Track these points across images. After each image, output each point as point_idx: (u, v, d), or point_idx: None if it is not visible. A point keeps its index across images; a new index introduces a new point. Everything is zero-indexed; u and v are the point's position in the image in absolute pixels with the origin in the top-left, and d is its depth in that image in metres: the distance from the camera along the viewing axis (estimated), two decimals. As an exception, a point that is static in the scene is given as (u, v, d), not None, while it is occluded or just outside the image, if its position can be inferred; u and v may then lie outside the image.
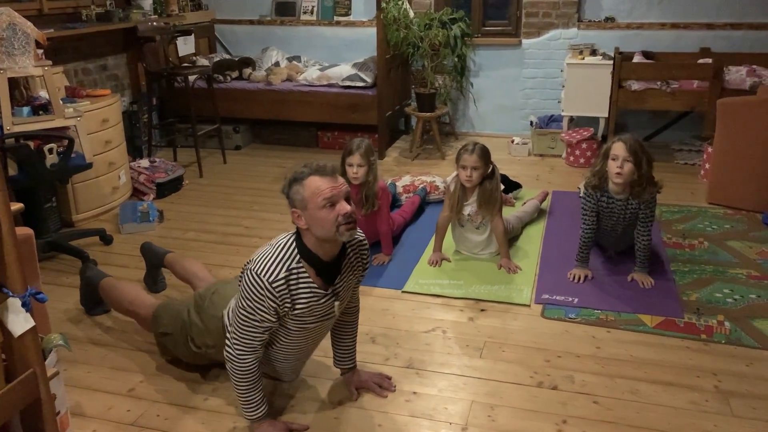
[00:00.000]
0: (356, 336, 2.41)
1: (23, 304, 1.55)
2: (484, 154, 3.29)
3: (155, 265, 3.18)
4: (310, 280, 2.03)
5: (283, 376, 2.39)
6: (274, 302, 1.99)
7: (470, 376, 2.51)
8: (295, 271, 2.00)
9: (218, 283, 2.51)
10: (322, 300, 2.08)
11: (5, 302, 1.54)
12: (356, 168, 3.32)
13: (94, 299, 3.00)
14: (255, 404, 2.14)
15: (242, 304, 2.02)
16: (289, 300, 2.01)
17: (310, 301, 2.05)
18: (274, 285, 1.96)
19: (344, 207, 1.95)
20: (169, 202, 4.47)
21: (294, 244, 2.02)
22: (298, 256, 2.01)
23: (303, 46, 6.26)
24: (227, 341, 2.10)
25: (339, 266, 2.09)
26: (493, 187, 3.34)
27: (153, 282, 3.22)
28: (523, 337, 2.77)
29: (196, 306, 2.40)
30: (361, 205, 3.36)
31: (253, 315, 2.01)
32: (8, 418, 1.60)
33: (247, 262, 2.07)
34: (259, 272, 1.97)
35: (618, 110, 4.99)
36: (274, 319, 2.03)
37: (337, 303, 2.13)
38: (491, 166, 3.35)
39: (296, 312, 2.05)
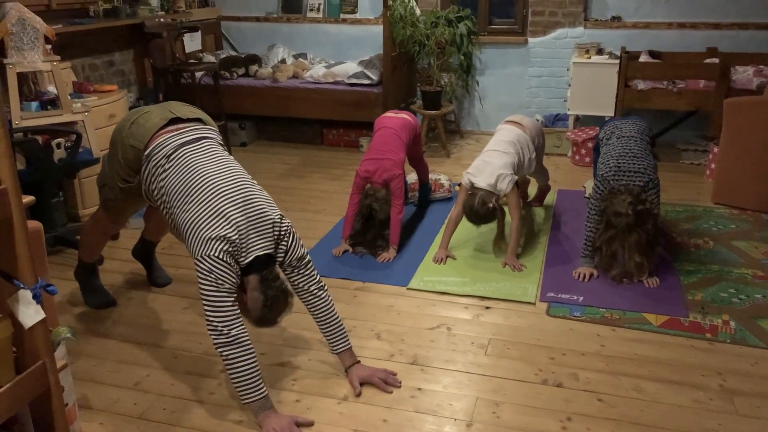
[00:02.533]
0: (338, 316, 2.43)
1: (34, 296, 1.57)
2: (489, 219, 3.38)
3: (148, 256, 3.26)
4: None
5: None
6: (234, 271, 2.17)
7: (475, 373, 2.52)
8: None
9: (135, 113, 2.55)
10: None
11: (16, 294, 1.55)
12: None
13: (95, 289, 3.05)
14: (254, 385, 2.15)
15: (206, 285, 2.12)
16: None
17: None
18: (228, 260, 2.15)
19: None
20: (175, 198, 4.48)
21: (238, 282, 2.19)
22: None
23: (309, 44, 6.27)
24: (210, 328, 2.13)
25: None
26: (504, 193, 3.38)
27: (154, 278, 3.25)
28: (527, 335, 2.78)
29: (114, 141, 2.55)
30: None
31: (222, 287, 2.12)
32: (18, 409, 1.62)
33: (194, 237, 2.17)
34: (220, 256, 2.12)
35: (624, 109, 4.98)
36: (235, 279, 2.18)
37: None
38: (495, 205, 3.35)
39: None
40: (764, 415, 2.25)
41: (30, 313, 1.56)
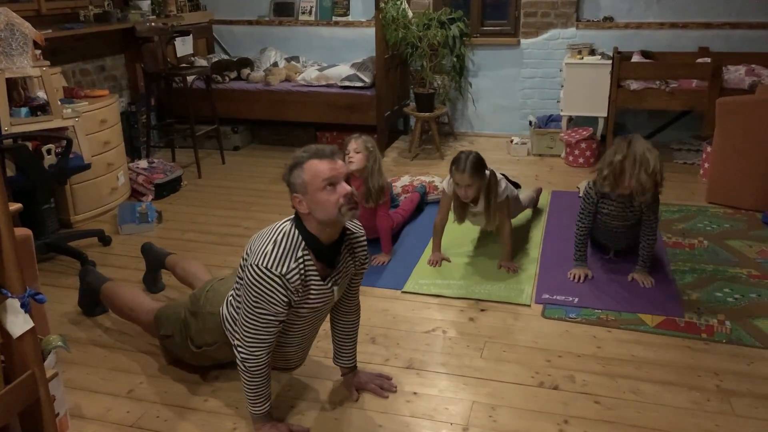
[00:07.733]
0: (357, 337, 2.41)
1: (22, 305, 1.55)
2: (477, 170, 3.13)
3: (155, 267, 3.16)
4: (314, 266, 2.03)
5: (291, 362, 2.40)
6: (287, 295, 1.98)
7: (471, 377, 2.50)
8: (302, 259, 2.00)
9: (213, 281, 2.50)
10: (323, 285, 2.08)
11: (4, 303, 1.53)
12: (352, 153, 3.33)
13: (94, 301, 2.99)
14: (263, 399, 2.13)
15: (252, 302, 1.98)
16: (302, 289, 2.01)
17: (314, 287, 2.06)
18: (288, 277, 1.95)
19: (345, 188, 1.96)
20: (167, 203, 4.46)
21: (296, 230, 2.02)
22: (303, 243, 2.00)
23: (301, 47, 6.25)
24: (237, 341, 2.08)
25: (338, 249, 2.10)
26: (498, 200, 3.29)
27: (152, 283, 3.20)
28: (523, 337, 2.76)
29: (192, 305, 2.40)
30: (365, 197, 3.34)
31: (266, 310, 1.98)
32: (7, 420, 1.59)
33: (245, 256, 2.06)
34: (269, 266, 1.94)
35: (617, 110, 4.99)
36: (286, 310, 2.02)
37: (335, 288, 2.13)
38: (488, 175, 3.24)
39: (302, 299, 2.05)
40: (761, 416, 2.25)
41: (18, 323, 1.54)
